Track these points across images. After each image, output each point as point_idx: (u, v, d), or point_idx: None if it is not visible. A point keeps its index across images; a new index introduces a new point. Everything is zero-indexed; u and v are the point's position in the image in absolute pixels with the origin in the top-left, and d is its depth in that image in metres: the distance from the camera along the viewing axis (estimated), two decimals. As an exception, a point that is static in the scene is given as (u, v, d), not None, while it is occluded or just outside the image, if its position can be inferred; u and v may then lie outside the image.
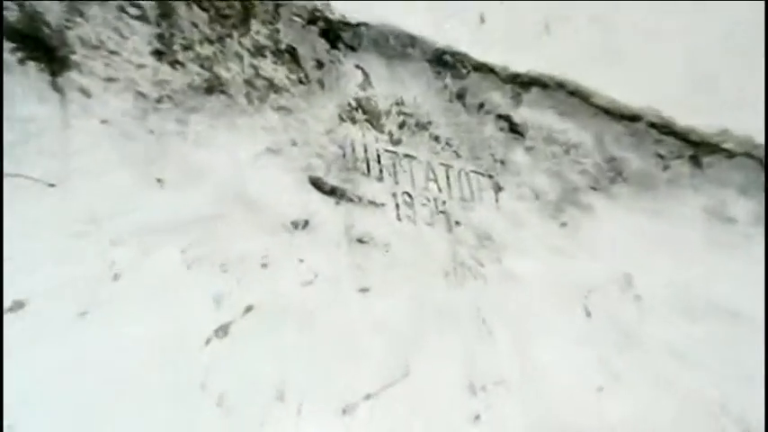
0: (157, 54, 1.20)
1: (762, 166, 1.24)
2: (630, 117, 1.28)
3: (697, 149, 1.27)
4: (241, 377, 1.08)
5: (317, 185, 1.24)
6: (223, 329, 1.09)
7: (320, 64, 1.28)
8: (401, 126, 1.31)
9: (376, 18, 1.26)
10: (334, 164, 1.27)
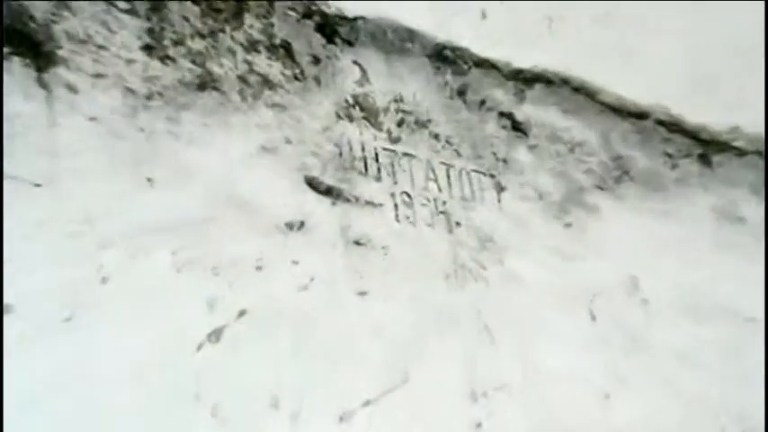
0: (147, 49, 1.18)
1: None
2: (638, 114, 1.28)
3: (706, 148, 1.28)
4: (235, 384, 1.06)
5: (312, 185, 1.23)
6: (216, 334, 1.07)
7: (316, 59, 1.28)
8: (400, 124, 1.31)
9: (374, 12, 1.26)
10: (330, 163, 1.26)
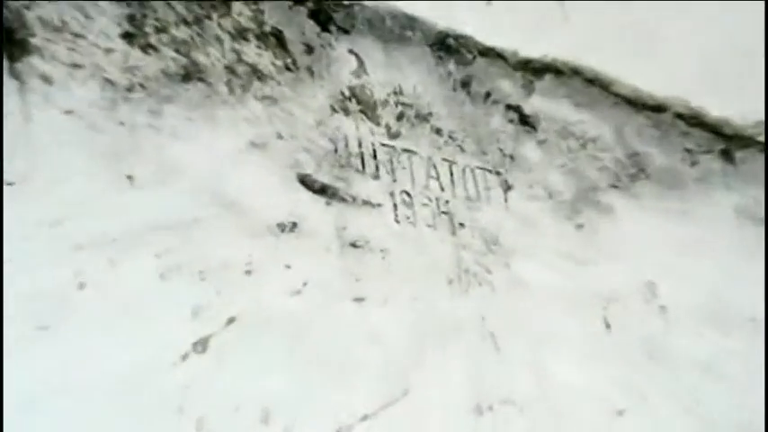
0: (128, 37, 1.16)
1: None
2: (655, 107, 1.23)
3: (729, 143, 1.22)
4: (222, 397, 1.04)
5: (305, 184, 1.21)
6: (202, 343, 1.06)
7: (309, 48, 1.24)
8: (399, 118, 1.28)
9: (371, -3, 1.24)
10: (324, 160, 1.24)
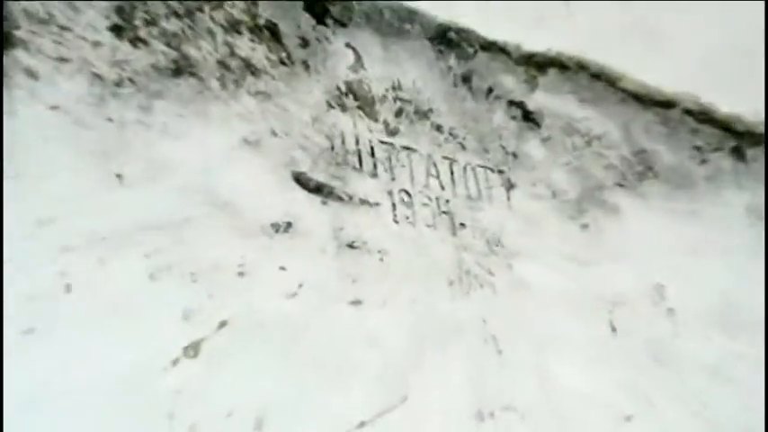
0: (116, 30, 1.14)
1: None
2: (663, 103, 1.24)
3: (740, 140, 1.23)
4: (214, 403, 1.02)
5: (300, 182, 1.19)
6: (193, 348, 1.03)
7: (305, 42, 1.23)
8: (398, 114, 1.27)
9: (369, -11, 1.25)
10: (320, 157, 1.22)
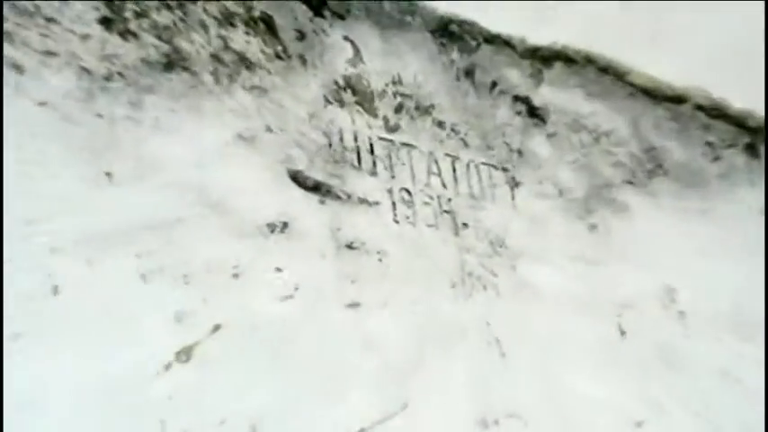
0: (105, 22, 1.12)
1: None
2: (674, 98, 1.22)
3: (754, 136, 1.21)
4: (207, 409, 1.01)
5: (297, 180, 1.18)
6: (186, 352, 1.02)
7: (301, 35, 1.21)
8: (398, 109, 1.26)
9: (368, -19, 1.25)
10: (317, 155, 1.21)
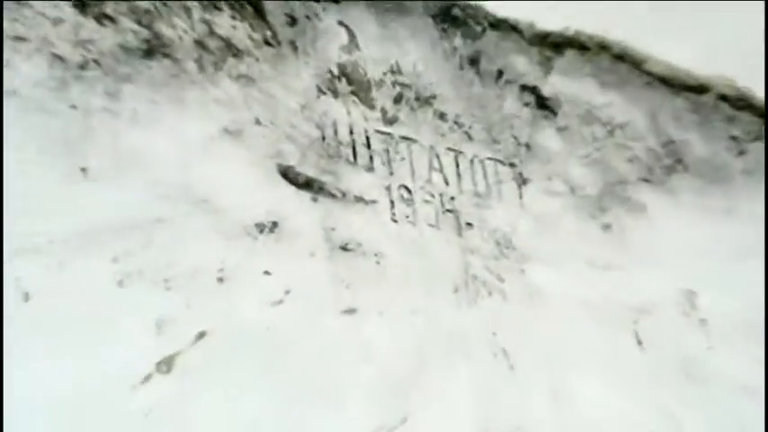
0: (80, 5, 1.11)
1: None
2: (695, 88, 1.16)
3: None
4: (190, 425, 1.02)
5: (288, 177, 1.18)
6: (167, 363, 1.02)
7: (292, 20, 1.19)
8: (397, 100, 1.23)
9: (364, -39, 1.20)
10: (310, 149, 1.20)
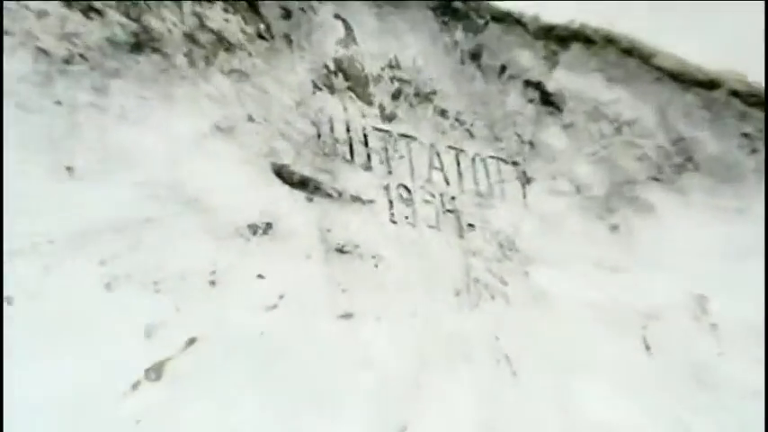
0: None
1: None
2: (705, 83, 1.16)
3: None
4: None
5: (282, 176, 1.15)
6: (156, 370, 0.99)
7: (287, 13, 1.18)
8: (396, 96, 1.23)
9: (362, -48, 1.21)
10: (305, 147, 1.18)
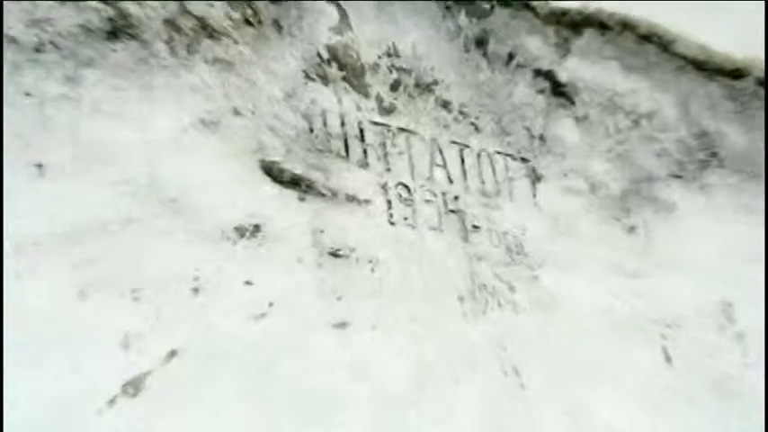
0: None
1: None
2: (730, 72, 1.12)
3: None
4: None
5: (271, 174, 1.11)
6: (134, 384, 0.94)
7: None
8: (394, 87, 1.20)
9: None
10: (296, 143, 1.14)
